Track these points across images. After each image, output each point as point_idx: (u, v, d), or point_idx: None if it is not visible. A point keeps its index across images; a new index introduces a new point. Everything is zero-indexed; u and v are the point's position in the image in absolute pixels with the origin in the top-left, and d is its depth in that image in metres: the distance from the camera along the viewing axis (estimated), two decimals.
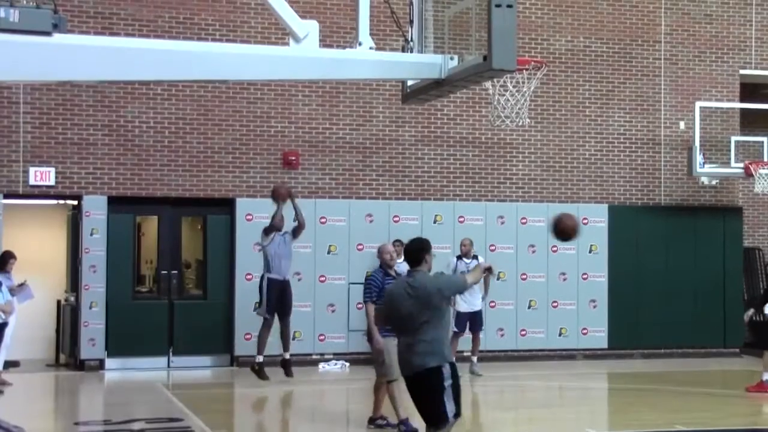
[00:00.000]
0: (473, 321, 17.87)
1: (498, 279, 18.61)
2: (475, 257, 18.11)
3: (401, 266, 18.03)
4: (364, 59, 9.91)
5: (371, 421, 12.62)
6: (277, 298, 16.40)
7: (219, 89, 18.70)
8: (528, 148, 20.37)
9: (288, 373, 16.43)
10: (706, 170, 20.42)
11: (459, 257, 17.99)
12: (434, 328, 8.87)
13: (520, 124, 15.47)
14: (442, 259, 16.49)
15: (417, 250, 9.12)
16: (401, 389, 12.10)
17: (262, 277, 16.56)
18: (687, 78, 21.26)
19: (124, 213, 18.53)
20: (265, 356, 16.46)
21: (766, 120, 22.25)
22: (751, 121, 22.08)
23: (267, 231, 16.50)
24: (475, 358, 17.99)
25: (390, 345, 12.16)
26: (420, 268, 9.05)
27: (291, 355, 16.65)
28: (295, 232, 16.76)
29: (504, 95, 14.79)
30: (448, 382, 8.79)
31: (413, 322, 8.81)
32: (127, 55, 9.29)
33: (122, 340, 18.26)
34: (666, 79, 21.12)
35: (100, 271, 18.19)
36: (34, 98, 18.04)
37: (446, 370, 8.82)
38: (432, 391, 8.78)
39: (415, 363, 8.84)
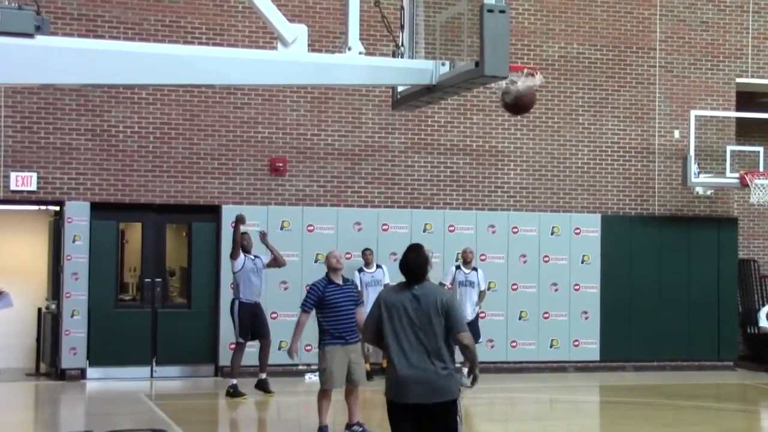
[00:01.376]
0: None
1: (488, 289, 18.65)
2: (475, 269, 18.14)
3: (376, 273, 18.17)
4: (354, 65, 9.87)
5: (347, 427, 12.72)
6: (250, 322, 16.46)
7: (205, 94, 18.66)
8: (520, 156, 20.36)
9: (267, 392, 16.47)
10: (700, 180, 20.41)
11: (458, 267, 18.00)
12: (449, 349, 8.23)
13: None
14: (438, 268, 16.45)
15: (421, 265, 8.37)
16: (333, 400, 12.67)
17: (232, 302, 16.61)
18: (682, 86, 21.28)
19: (107, 219, 18.47)
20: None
21: (762, 129, 22.28)
22: (747, 131, 22.09)
23: (233, 256, 16.52)
24: (465, 370, 17.94)
25: (334, 354, 12.40)
26: (425, 281, 8.35)
27: (277, 365, 16.66)
28: (269, 264, 16.81)
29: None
30: (461, 412, 8.36)
31: (423, 341, 8.12)
32: (111, 59, 9.23)
33: (104, 349, 18.21)
34: (661, 87, 21.14)
35: (82, 278, 18.14)
36: (15, 101, 17.99)
37: (459, 399, 8.33)
38: (449, 422, 8.22)
39: (433, 392, 8.13)
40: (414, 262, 8.36)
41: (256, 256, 16.70)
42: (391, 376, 8.31)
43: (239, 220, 16.50)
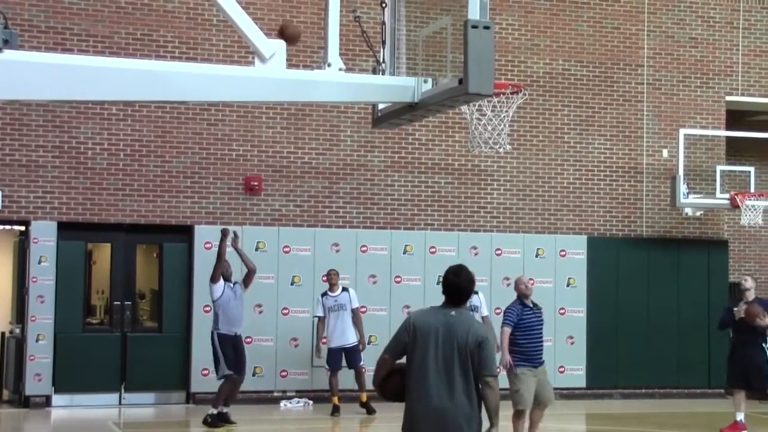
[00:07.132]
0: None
1: (473, 311, 18.54)
2: (475, 292, 17.86)
3: (340, 297, 17.75)
4: (333, 81, 9.86)
5: None
6: (234, 354, 16.30)
7: (178, 110, 18.63)
8: (504, 176, 20.38)
9: (230, 422, 16.35)
10: (690, 201, 20.47)
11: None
12: (477, 390, 7.75)
13: (500, 150, 15.42)
14: (410, 291, 16.40)
15: (467, 284, 7.90)
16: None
17: (212, 335, 16.43)
18: (670, 104, 21.36)
19: (75, 240, 18.39)
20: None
21: (752, 148, 22.38)
22: (737, 150, 22.19)
23: (213, 279, 16.34)
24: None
25: (525, 377, 13.70)
26: (464, 307, 7.90)
27: (251, 391, 16.59)
28: (246, 281, 16.68)
29: (482, 120, 14.75)
30: None
31: (451, 375, 7.64)
32: (81, 73, 9.19)
33: (71, 375, 18.11)
34: (649, 105, 21.21)
35: (48, 301, 18.04)
36: None
37: None
38: None
39: (454, 430, 7.66)
40: (461, 281, 7.90)
41: (235, 283, 16.57)
42: (411, 410, 7.81)
43: (224, 234, 16.36)
